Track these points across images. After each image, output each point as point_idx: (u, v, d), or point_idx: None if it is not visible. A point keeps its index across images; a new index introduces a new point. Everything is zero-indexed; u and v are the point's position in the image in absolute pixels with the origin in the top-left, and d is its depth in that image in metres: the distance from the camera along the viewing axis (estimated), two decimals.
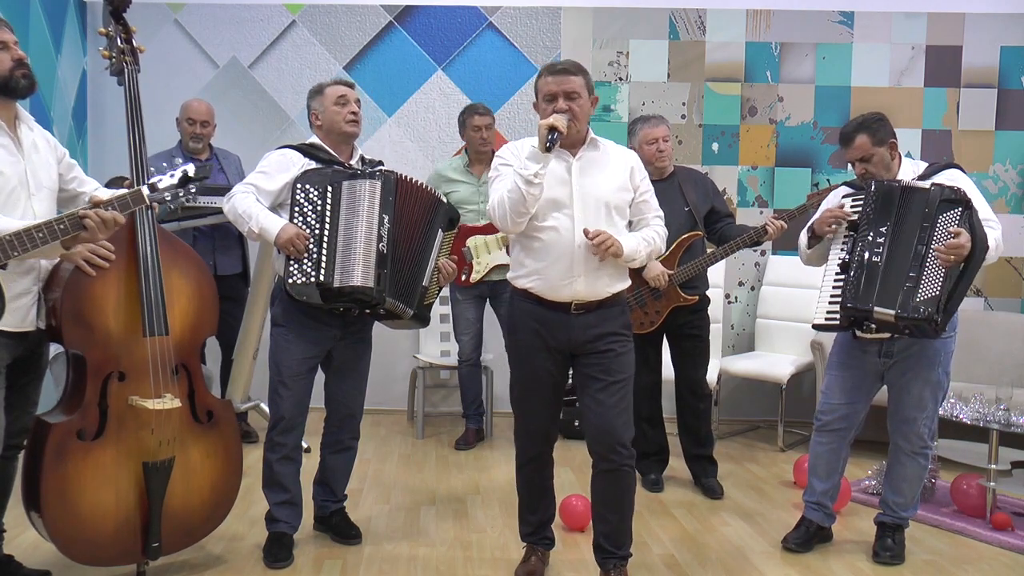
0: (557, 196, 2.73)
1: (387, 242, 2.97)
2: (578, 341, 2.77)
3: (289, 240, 2.90)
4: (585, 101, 2.75)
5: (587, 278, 2.73)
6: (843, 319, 3.05)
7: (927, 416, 3.14)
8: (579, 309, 2.75)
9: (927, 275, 2.90)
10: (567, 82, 2.71)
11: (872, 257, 3.00)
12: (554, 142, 2.60)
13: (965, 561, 3.24)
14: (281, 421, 3.08)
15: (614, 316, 2.80)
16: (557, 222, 2.73)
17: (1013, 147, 5.31)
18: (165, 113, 4.64)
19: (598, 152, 2.81)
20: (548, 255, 2.74)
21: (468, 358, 4.67)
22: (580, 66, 2.77)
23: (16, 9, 4.36)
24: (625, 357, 2.80)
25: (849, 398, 3.21)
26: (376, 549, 3.24)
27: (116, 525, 2.66)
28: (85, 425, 2.61)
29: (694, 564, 3.16)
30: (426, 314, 3.23)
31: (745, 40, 5.31)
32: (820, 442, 3.29)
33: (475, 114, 4.52)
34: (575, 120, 2.70)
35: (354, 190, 2.99)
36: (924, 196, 2.96)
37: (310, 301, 2.94)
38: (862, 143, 3.08)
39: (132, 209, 2.49)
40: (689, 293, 3.84)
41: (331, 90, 3.14)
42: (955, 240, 2.84)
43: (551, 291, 2.75)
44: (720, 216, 3.96)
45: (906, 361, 3.10)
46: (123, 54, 2.87)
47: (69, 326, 2.58)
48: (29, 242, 2.27)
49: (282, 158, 3.07)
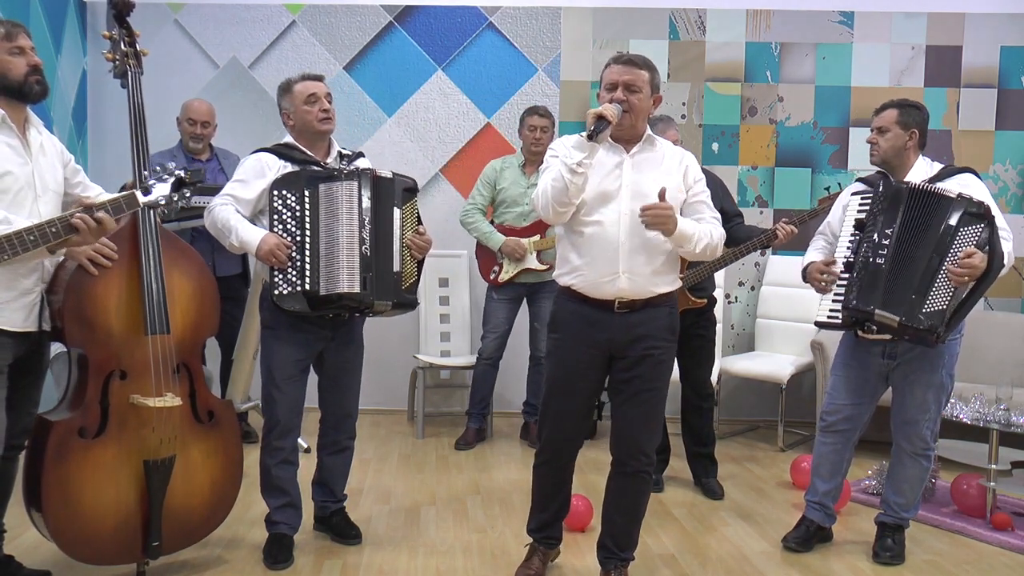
0: (607, 190, 2.67)
1: (370, 244, 2.94)
2: (619, 342, 2.71)
3: (270, 251, 2.87)
4: (646, 97, 2.67)
5: (631, 275, 2.66)
6: (844, 318, 3.05)
7: (930, 418, 3.14)
8: (623, 308, 2.69)
9: (937, 287, 2.90)
10: (630, 73, 2.64)
11: (876, 259, 2.98)
12: (599, 131, 2.53)
13: (965, 561, 3.24)
14: (277, 425, 3.06)
15: (659, 318, 2.73)
16: (603, 216, 2.66)
17: (1013, 147, 5.31)
18: (165, 113, 4.64)
19: (654, 151, 2.75)
20: (591, 250, 2.68)
21: (489, 357, 4.67)
22: (649, 62, 2.70)
23: (16, 9, 4.36)
24: (663, 365, 2.74)
25: (854, 399, 3.21)
26: (376, 549, 3.24)
27: (116, 524, 2.67)
28: (86, 423, 2.62)
29: (694, 564, 3.16)
30: (408, 299, 3.10)
31: (745, 40, 5.31)
32: (824, 442, 3.29)
33: (535, 114, 4.56)
34: (631, 113, 2.64)
35: (331, 193, 2.94)
36: (948, 204, 2.93)
37: (299, 311, 2.91)
38: (889, 115, 3.11)
39: (125, 213, 2.50)
40: (698, 296, 3.84)
41: (300, 88, 3.05)
42: (969, 260, 2.84)
43: (594, 288, 2.68)
44: (729, 217, 3.95)
45: (910, 363, 3.10)
46: (127, 57, 2.88)
47: (71, 324, 2.59)
48: (20, 245, 2.29)
49: (257, 163, 3.02)
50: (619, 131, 2.65)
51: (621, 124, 2.62)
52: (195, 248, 3.00)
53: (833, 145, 5.31)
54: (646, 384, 2.72)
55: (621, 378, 2.75)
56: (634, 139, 2.72)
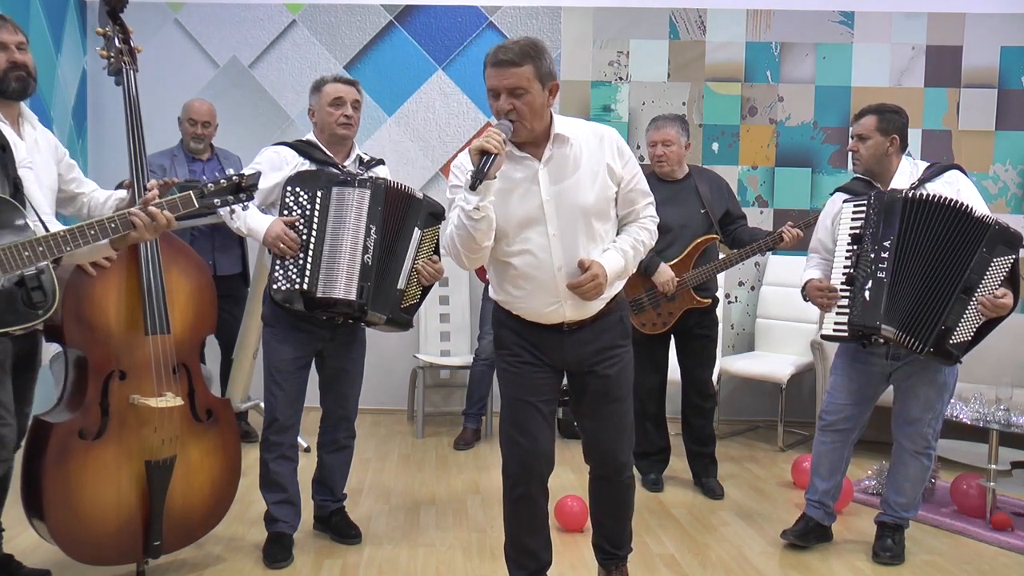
0: (527, 212, 2.36)
1: (372, 254, 2.94)
2: (573, 360, 2.50)
3: (277, 237, 2.90)
4: (536, 95, 2.28)
5: (575, 301, 2.40)
6: (850, 334, 3.02)
7: (933, 417, 3.13)
8: (572, 326, 2.47)
9: (967, 320, 2.90)
10: (508, 75, 2.25)
11: (877, 272, 2.94)
12: (486, 169, 2.16)
13: (965, 561, 3.24)
14: (275, 421, 3.07)
15: (611, 326, 2.52)
16: (531, 244, 2.37)
17: (1013, 147, 5.30)
18: (165, 113, 4.64)
19: (567, 148, 2.38)
20: (527, 283, 2.41)
21: (487, 357, 4.66)
22: (528, 50, 2.26)
23: (16, 9, 4.36)
24: (625, 372, 2.55)
25: (854, 399, 3.20)
26: (376, 549, 3.24)
27: (118, 524, 2.67)
28: (87, 424, 2.61)
29: (694, 564, 3.16)
30: (404, 318, 3.10)
31: (745, 40, 5.31)
32: (823, 441, 3.28)
33: None
34: (521, 120, 2.28)
35: (343, 198, 2.95)
36: (983, 230, 2.88)
37: (293, 308, 2.93)
38: (868, 122, 3.11)
39: (181, 212, 2.46)
40: (703, 296, 3.84)
41: (329, 88, 3.09)
42: (1003, 301, 2.86)
43: (537, 317, 2.46)
44: (734, 218, 3.96)
45: (914, 363, 3.09)
46: (121, 54, 2.87)
47: (71, 325, 2.59)
48: (81, 238, 2.29)
49: (275, 156, 3.05)
50: (517, 139, 2.32)
51: (518, 134, 2.29)
52: (194, 248, 3.00)
53: (833, 145, 5.31)
54: (612, 394, 2.53)
55: (584, 392, 2.55)
56: (542, 140, 2.37)
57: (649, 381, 3.89)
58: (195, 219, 4.09)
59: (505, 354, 2.55)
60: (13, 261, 2.18)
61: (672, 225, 3.71)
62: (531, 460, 2.51)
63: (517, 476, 2.54)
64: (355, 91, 3.12)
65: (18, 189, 2.38)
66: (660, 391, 3.99)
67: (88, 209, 2.86)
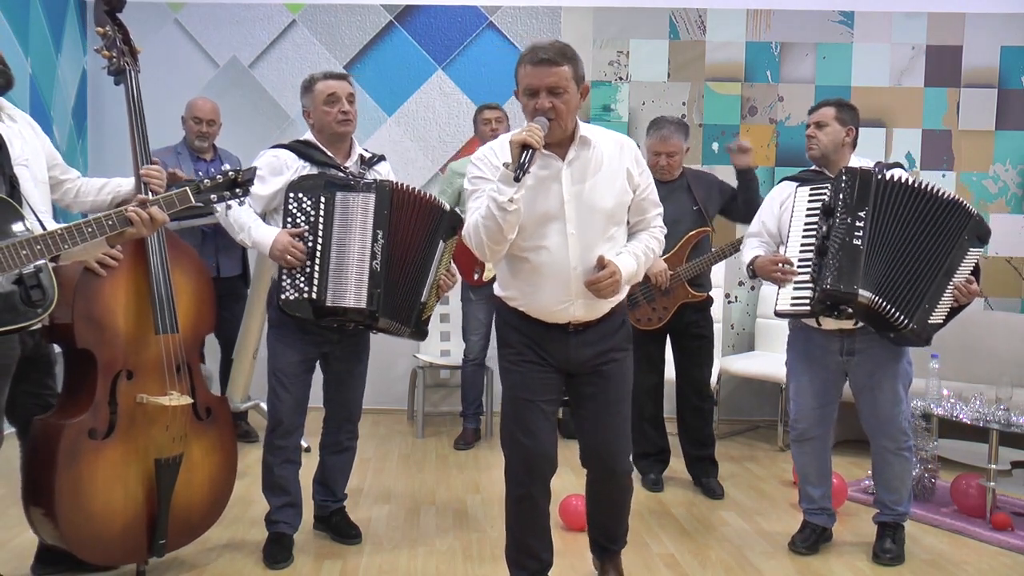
0: (548, 209, 2.40)
1: (381, 260, 2.88)
2: (576, 360, 2.53)
3: (284, 250, 2.83)
4: (572, 95, 2.35)
5: (586, 300, 2.44)
6: (816, 303, 2.90)
7: (903, 409, 3.14)
8: (578, 327, 2.50)
9: (943, 302, 2.92)
10: (551, 74, 2.31)
11: (852, 240, 2.85)
12: (525, 167, 2.22)
13: (965, 561, 3.24)
14: (280, 425, 3.06)
15: (615, 329, 2.56)
16: (548, 240, 2.40)
17: (1013, 147, 5.30)
18: (164, 113, 4.62)
19: (590, 151, 2.45)
20: (539, 278, 2.43)
21: (475, 357, 4.65)
22: (566, 50, 2.35)
23: (16, 9, 4.36)
24: (625, 374, 2.59)
25: (820, 400, 3.19)
26: (376, 549, 3.24)
27: (125, 523, 2.67)
28: (96, 424, 2.62)
29: (694, 564, 3.16)
30: (424, 329, 3.12)
31: (745, 40, 5.31)
32: (804, 452, 3.26)
33: (484, 108, 4.56)
34: (559, 119, 2.34)
35: (347, 203, 2.89)
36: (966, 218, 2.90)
37: (303, 317, 2.89)
38: (827, 111, 3.19)
39: (177, 209, 2.47)
40: (697, 289, 3.84)
41: (321, 86, 3.00)
42: (973, 288, 2.92)
43: (545, 315, 2.48)
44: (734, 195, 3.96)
45: (872, 359, 3.08)
46: (122, 55, 2.86)
47: (82, 326, 2.59)
48: (79, 236, 2.29)
49: (275, 160, 2.98)
50: (549, 138, 2.34)
51: (553, 132, 2.33)
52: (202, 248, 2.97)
53: None
54: (611, 395, 2.55)
55: (584, 392, 2.57)
56: (566, 141, 2.43)
57: (646, 381, 3.87)
58: (196, 219, 4.12)
59: (509, 353, 2.56)
60: (11, 260, 2.18)
61: (664, 220, 3.71)
62: (534, 461, 2.53)
63: (520, 477, 2.55)
64: (348, 84, 3.05)
65: (14, 187, 2.38)
66: (656, 391, 3.98)
67: (77, 195, 2.80)
